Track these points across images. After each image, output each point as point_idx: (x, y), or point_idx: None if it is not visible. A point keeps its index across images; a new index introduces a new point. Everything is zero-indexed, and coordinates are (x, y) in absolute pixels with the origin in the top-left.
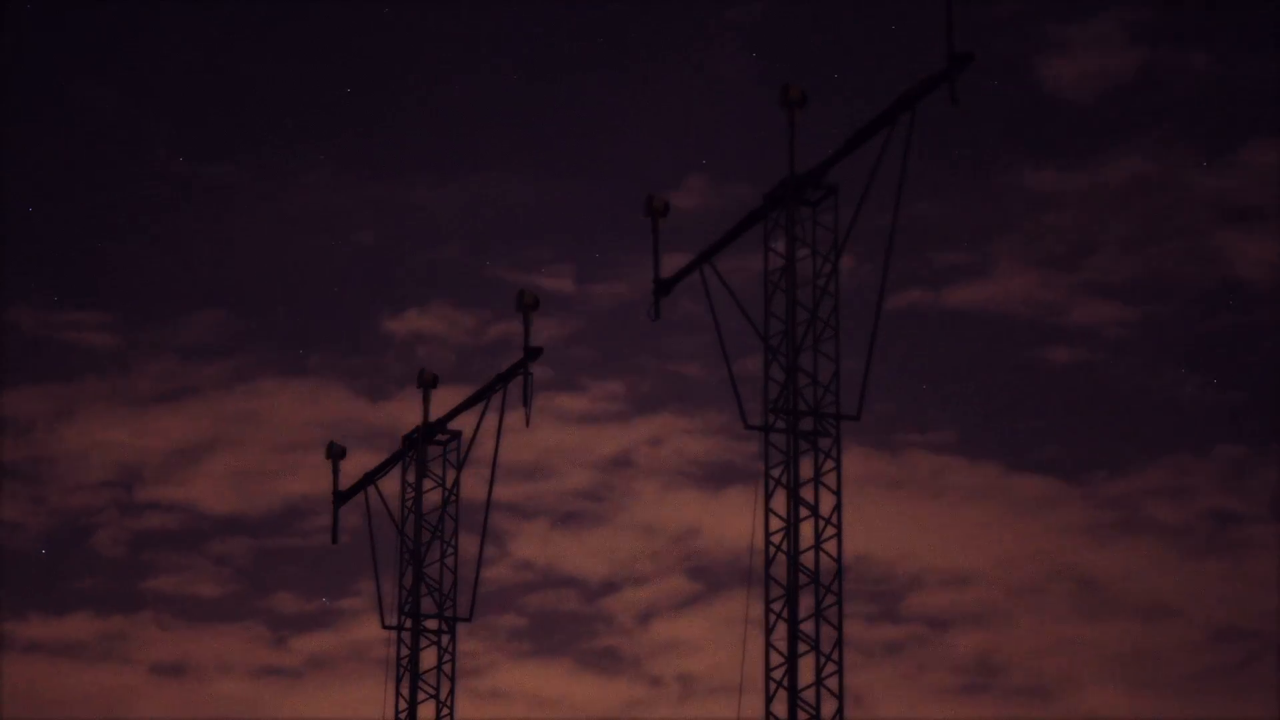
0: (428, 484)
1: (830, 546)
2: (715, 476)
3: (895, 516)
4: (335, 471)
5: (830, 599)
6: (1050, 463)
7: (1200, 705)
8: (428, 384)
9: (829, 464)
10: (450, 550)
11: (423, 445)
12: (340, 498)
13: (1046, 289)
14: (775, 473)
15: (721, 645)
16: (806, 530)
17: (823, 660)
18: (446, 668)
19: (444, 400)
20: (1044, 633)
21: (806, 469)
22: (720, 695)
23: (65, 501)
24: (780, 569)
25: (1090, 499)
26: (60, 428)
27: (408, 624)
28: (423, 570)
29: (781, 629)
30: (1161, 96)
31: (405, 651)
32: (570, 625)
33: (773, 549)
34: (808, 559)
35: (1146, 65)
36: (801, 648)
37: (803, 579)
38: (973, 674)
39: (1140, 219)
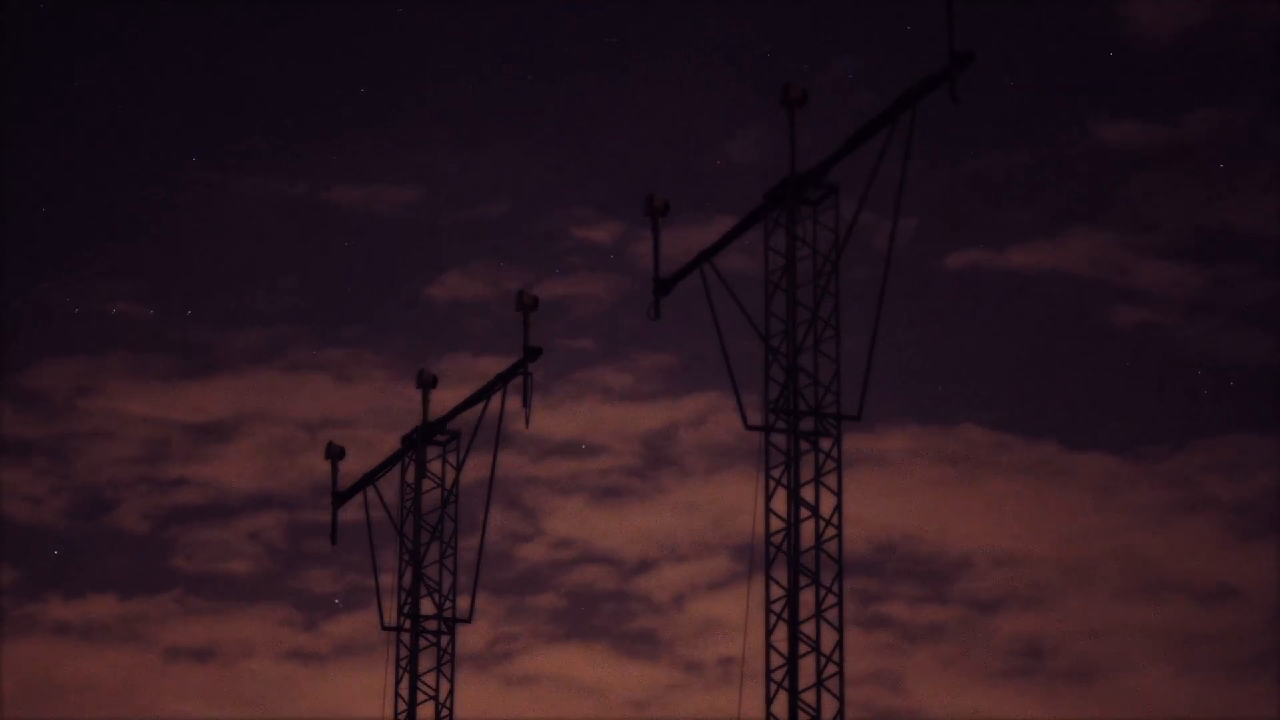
0: (427, 484)
1: (831, 547)
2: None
3: (948, 495)
4: (334, 472)
5: (831, 599)
6: (1109, 438)
7: (1257, 689)
8: (427, 384)
9: (830, 464)
10: (450, 551)
11: (422, 445)
12: (339, 498)
13: (1114, 249)
14: (776, 473)
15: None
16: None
17: (823, 661)
18: (446, 669)
19: (461, 382)
20: (1095, 614)
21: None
22: (761, 681)
23: (90, 477)
24: (781, 573)
25: (1149, 476)
26: (86, 402)
27: (407, 624)
28: (422, 571)
29: (782, 629)
30: (1241, 41)
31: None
32: (607, 606)
33: (774, 550)
34: (808, 561)
35: (1225, 8)
36: (804, 649)
37: (809, 581)
38: (1019, 657)
39: (1216, 174)
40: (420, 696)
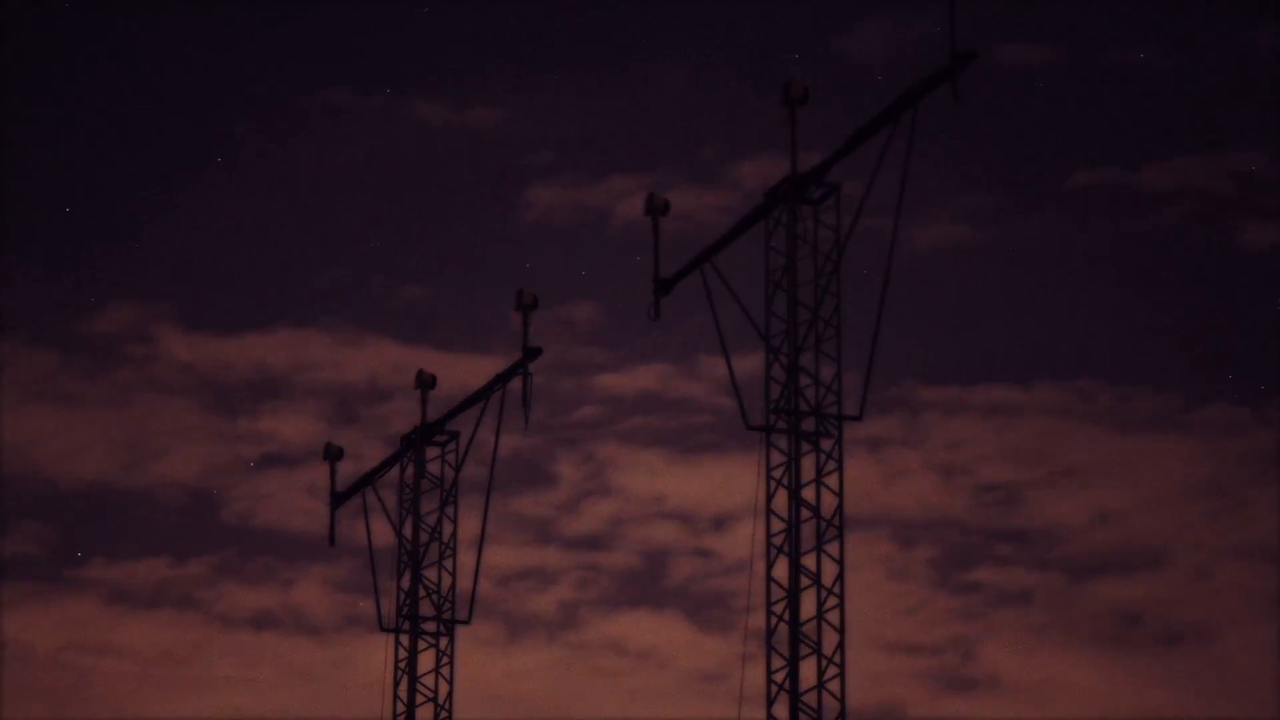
0: (425, 485)
1: (832, 548)
2: None
3: (1055, 452)
4: (332, 473)
5: (832, 600)
6: (1232, 389)
7: None
8: (426, 384)
9: (831, 465)
10: (449, 552)
11: (421, 446)
12: (338, 499)
13: (1261, 168)
14: (776, 473)
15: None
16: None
17: (824, 663)
18: (445, 670)
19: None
20: (1196, 577)
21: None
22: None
23: (143, 429)
24: (783, 574)
25: (1270, 426)
26: (141, 349)
27: (406, 626)
28: (421, 572)
29: (782, 630)
30: None
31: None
32: (680, 566)
33: (774, 551)
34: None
35: None
36: (807, 650)
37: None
38: (1112, 623)
39: None
40: (413, 700)
